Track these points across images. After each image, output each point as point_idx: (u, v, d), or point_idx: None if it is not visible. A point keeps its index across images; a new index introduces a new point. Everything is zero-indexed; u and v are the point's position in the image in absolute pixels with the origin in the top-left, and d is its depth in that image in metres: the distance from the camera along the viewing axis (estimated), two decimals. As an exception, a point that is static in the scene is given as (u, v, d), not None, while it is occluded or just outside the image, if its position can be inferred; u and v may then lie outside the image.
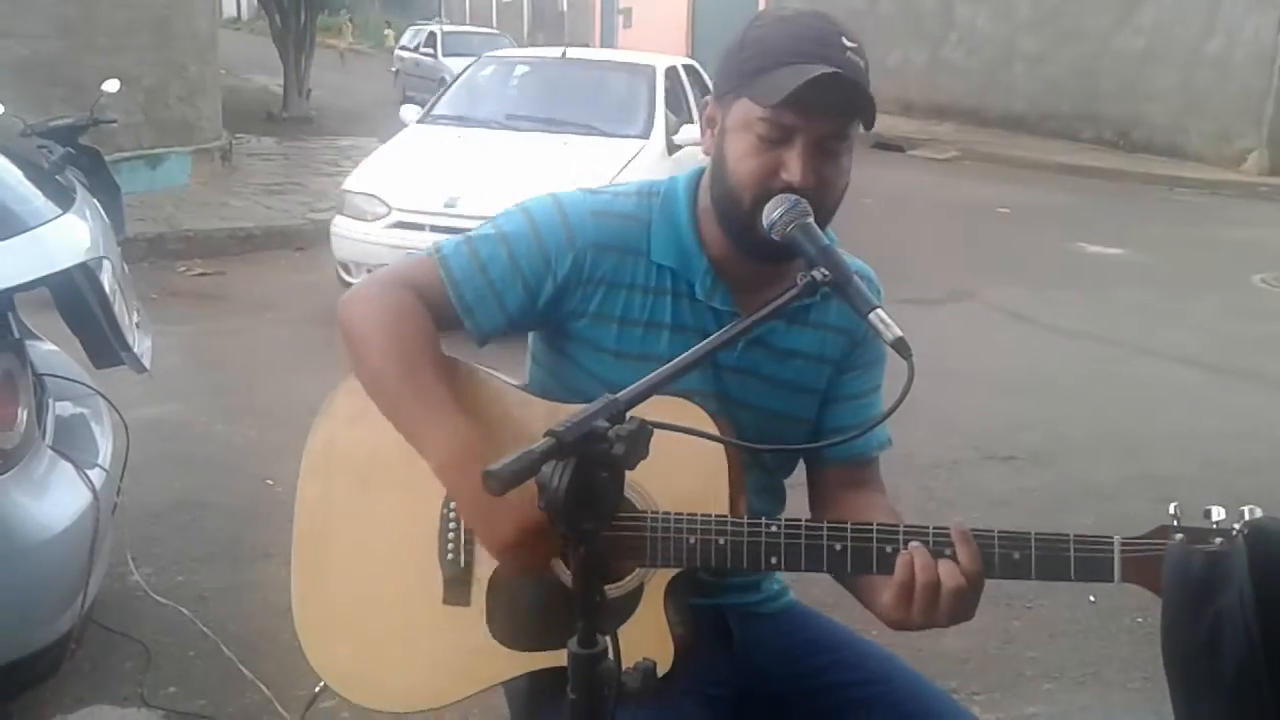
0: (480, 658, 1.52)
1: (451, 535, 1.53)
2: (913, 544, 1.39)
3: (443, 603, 1.53)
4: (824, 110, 1.44)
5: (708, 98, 1.59)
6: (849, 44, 1.46)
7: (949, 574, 1.37)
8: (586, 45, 29.76)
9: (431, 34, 23.39)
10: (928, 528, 1.41)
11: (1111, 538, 1.37)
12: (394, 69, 23.53)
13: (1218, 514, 1.33)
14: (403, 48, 24.37)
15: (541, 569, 1.46)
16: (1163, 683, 1.33)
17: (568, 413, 1.14)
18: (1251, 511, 1.32)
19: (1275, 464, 4.89)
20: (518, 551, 1.42)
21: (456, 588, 1.53)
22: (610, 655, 1.17)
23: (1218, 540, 1.31)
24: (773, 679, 1.66)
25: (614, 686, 1.17)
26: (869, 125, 1.48)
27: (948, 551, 1.39)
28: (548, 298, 1.57)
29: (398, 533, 1.55)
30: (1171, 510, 1.36)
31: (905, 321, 1.31)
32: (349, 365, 1.58)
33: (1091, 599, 3.71)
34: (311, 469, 1.61)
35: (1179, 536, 1.35)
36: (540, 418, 1.52)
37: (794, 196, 1.42)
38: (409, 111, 8.58)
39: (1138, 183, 14.23)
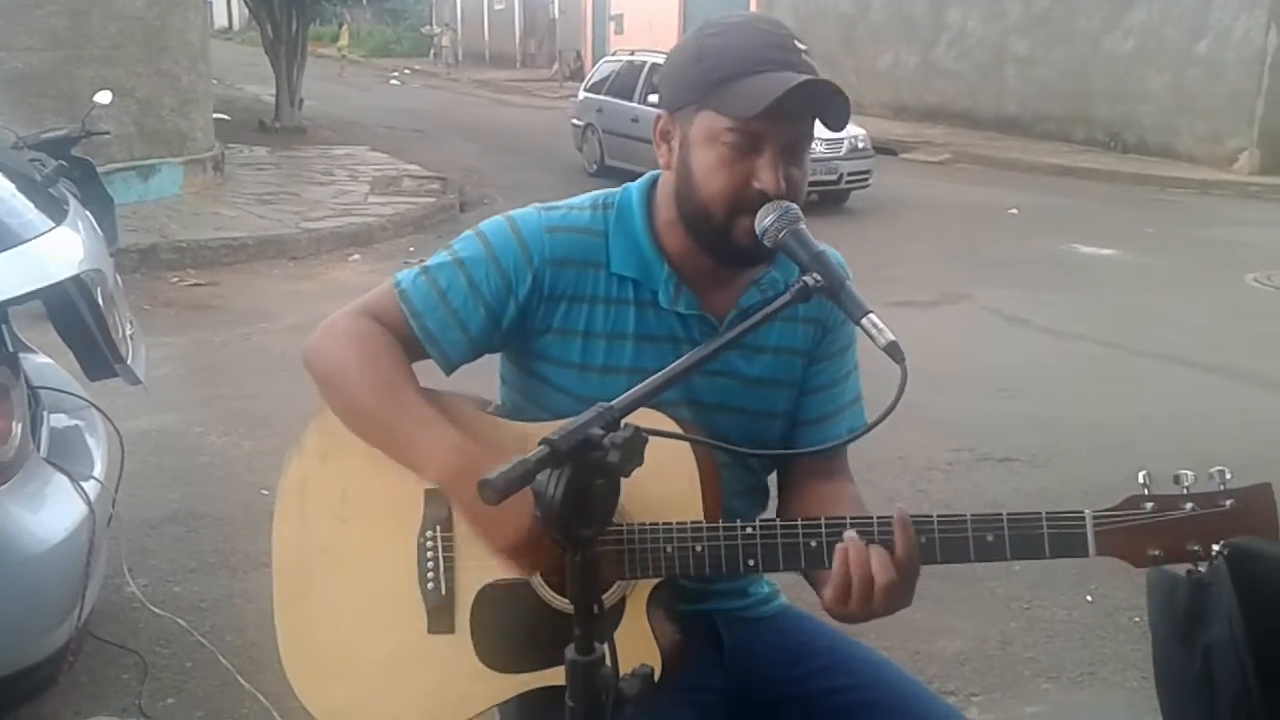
0: (471, 684, 1.51)
1: (430, 564, 1.53)
2: (847, 534, 1.40)
3: (427, 632, 1.53)
4: (797, 116, 1.44)
5: (659, 111, 1.55)
6: (801, 46, 1.47)
7: (881, 568, 1.37)
8: (578, 52, 29.73)
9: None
10: (888, 516, 1.40)
11: (1083, 512, 1.37)
12: (577, 121, 14.43)
13: (1188, 478, 1.33)
14: (591, 89, 14.39)
15: (550, 569, 1.46)
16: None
17: (540, 433, 1.12)
18: (1221, 474, 1.33)
19: (1273, 463, 4.88)
20: (525, 552, 1.43)
21: (440, 616, 1.53)
22: (607, 662, 1.17)
23: (1201, 566, 1.32)
24: (763, 684, 1.66)
25: (611, 692, 1.17)
26: (840, 127, 1.47)
27: (884, 539, 1.39)
28: (511, 318, 1.57)
29: (377, 566, 1.54)
30: (1141, 479, 1.36)
31: (899, 324, 1.32)
32: (322, 401, 1.58)
33: (1089, 599, 3.72)
34: (286, 509, 1.61)
35: (1149, 505, 1.35)
36: (509, 440, 1.52)
37: (784, 203, 1.43)
38: None
39: (1130, 183, 14.25)
